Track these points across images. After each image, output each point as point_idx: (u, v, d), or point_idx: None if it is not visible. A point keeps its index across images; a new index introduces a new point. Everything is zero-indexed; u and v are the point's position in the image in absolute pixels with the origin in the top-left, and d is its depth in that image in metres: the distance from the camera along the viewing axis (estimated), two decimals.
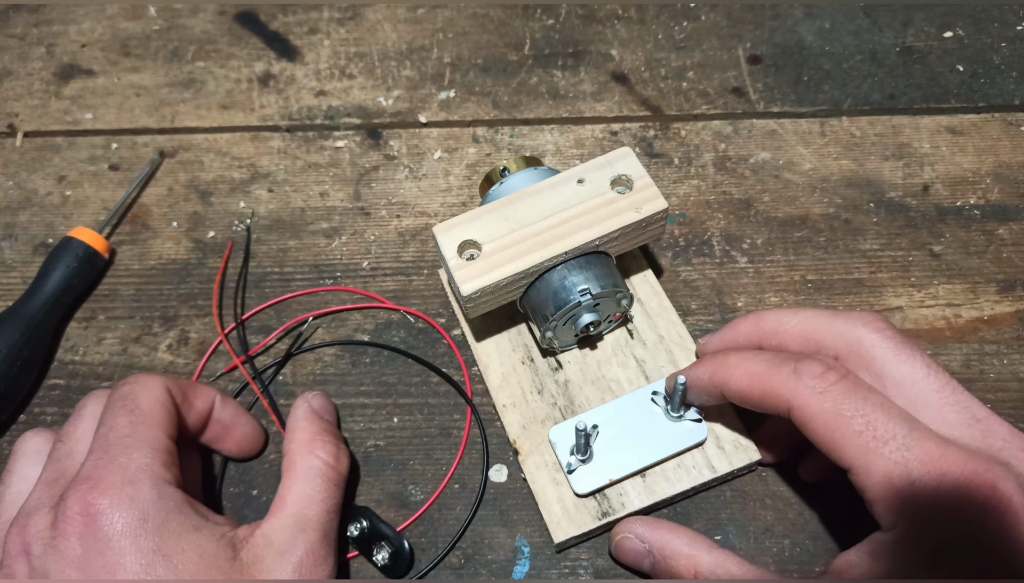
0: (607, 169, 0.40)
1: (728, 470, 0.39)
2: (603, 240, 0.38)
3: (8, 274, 0.49)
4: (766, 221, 0.49)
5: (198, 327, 0.47)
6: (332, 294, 0.48)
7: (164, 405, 0.35)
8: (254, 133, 0.55)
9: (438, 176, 0.52)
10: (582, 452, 0.38)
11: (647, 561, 0.36)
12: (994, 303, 0.45)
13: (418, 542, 0.39)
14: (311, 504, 0.34)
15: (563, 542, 0.38)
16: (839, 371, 0.32)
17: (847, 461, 0.30)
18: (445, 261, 0.38)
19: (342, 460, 0.37)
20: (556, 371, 0.42)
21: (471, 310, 0.39)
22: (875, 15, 0.59)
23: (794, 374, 0.32)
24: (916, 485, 0.29)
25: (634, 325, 0.43)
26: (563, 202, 0.39)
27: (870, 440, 0.30)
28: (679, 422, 0.39)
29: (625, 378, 0.42)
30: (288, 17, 0.61)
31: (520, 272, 0.38)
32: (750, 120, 0.54)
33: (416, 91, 0.57)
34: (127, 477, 0.32)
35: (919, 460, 0.29)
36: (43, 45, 0.61)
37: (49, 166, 0.54)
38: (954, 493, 0.28)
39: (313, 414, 0.38)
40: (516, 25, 0.60)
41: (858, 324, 0.34)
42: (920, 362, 0.33)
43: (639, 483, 0.39)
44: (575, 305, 0.38)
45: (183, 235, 0.50)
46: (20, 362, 0.43)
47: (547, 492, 0.39)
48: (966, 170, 0.50)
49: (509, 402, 0.42)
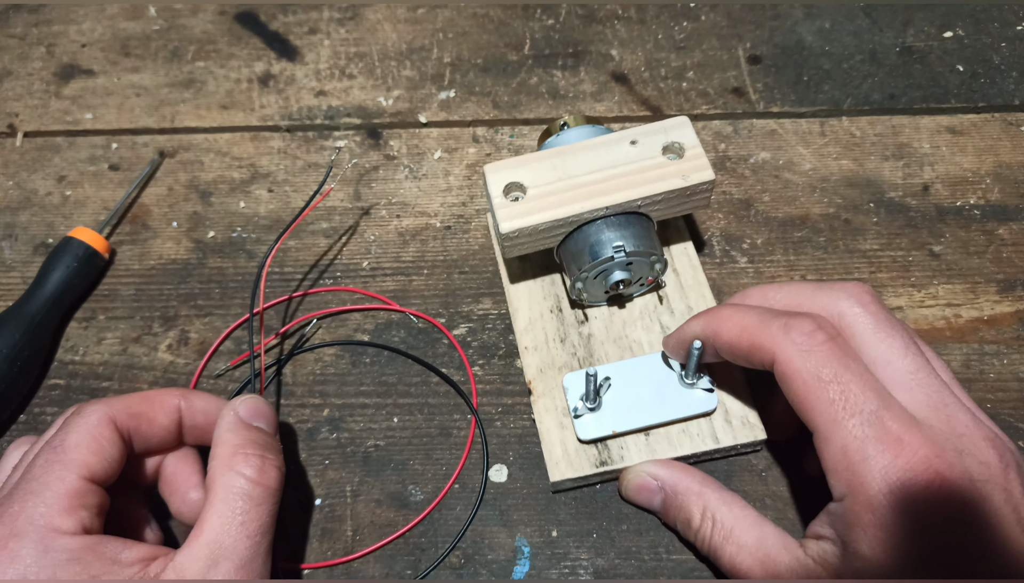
0: (661, 135, 0.41)
1: (731, 444, 0.39)
2: (645, 202, 0.40)
3: (8, 274, 0.49)
4: (766, 221, 0.49)
5: (198, 327, 0.47)
6: (332, 294, 0.48)
7: (95, 439, 0.33)
8: (254, 133, 0.55)
9: (438, 176, 0.52)
10: (591, 400, 0.39)
11: (657, 498, 0.37)
12: (994, 303, 0.45)
13: (418, 542, 0.39)
14: (229, 530, 0.32)
15: (558, 482, 0.39)
16: (828, 332, 0.32)
17: (813, 425, 0.31)
18: (490, 199, 0.40)
19: (268, 473, 0.34)
20: (582, 324, 0.43)
21: (508, 249, 0.40)
22: (875, 15, 0.59)
23: (783, 329, 0.32)
24: (868, 462, 0.29)
25: (665, 292, 0.44)
26: (612, 160, 0.41)
27: (839, 410, 0.30)
28: (691, 389, 0.39)
29: (647, 341, 0.42)
30: (288, 17, 0.61)
31: (559, 219, 0.39)
32: (750, 120, 0.54)
33: (416, 91, 0.57)
34: (13, 530, 0.30)
35: (877, 438, 0.29)
36: (43, 45, 0.61)
37: (49, 166, 0.54)
38: (902, 475, 0.29)
39: (238, 424, 0.35)
40: (516, 25, 0.60)
41: (841, 297, 0.34)
42: (899, 342, 0.33)
43: (641, 441, 0.39)
44: (607, 259, 0.39)
45: (183, 235, 0.50)
46: (20, 362, 0.43)
47: (551, 434, 0.40)
48: (966, 170, 0.50)
49: (531, 345, 0.43)
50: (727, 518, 0.35)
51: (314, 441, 0.42)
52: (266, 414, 0.36)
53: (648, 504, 0.38)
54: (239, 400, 0.36)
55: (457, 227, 0.50)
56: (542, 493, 0.40)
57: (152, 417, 0.36)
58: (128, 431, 0.35)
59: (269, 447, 0.35)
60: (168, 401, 0.36)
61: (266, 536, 0.33)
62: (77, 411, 0.34)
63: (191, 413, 0.37)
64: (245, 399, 0.36)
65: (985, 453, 0.30)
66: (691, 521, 0.36)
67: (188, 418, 0.37)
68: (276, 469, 0.34)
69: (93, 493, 0.33)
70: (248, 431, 0.35)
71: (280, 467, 0.35)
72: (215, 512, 0.32)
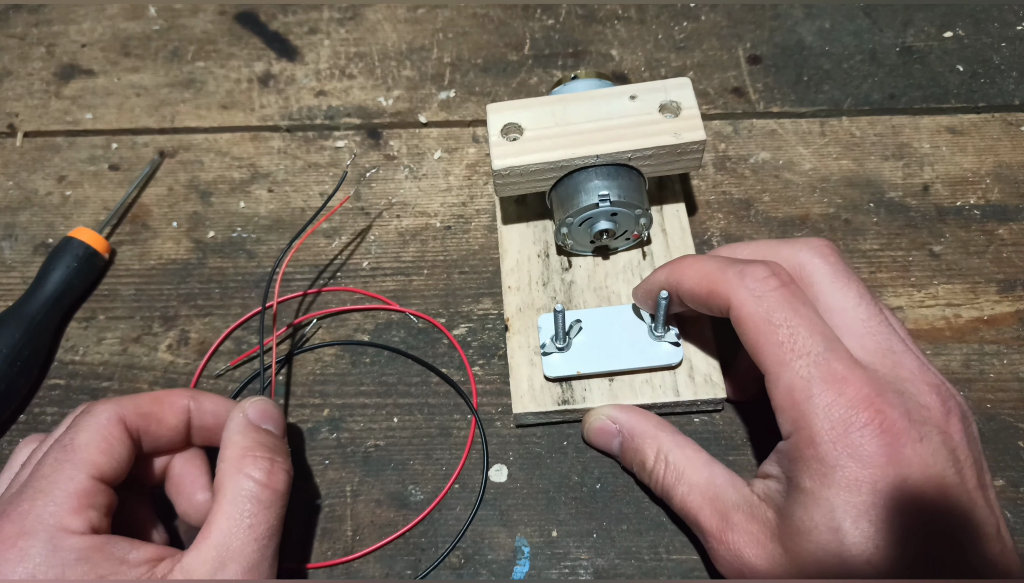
0: (660, 93, 0.42)
1: (692, 399, 0.40)
2: (635, 155, 0.41)
3: (8, 274, 0.49)
4: (766, 221, 0.49)
5: (198, 327, 0.47)
6: (332, 294, 0.48)
7: (105, 438, 0.33)
8: (254, 133, 0.55)
9: (438, 176, 0.52)
10: (560, 340, 0.40)
11: (616, 441, 0.39)
12: (994, 303, 0.45)
13: (418, 542, 0.39)
14: (236, 533, 0.32)
15: (521, 415, 0.41)
16: (781, 278, 0.33)
17: (763, 367, 0.32)
18: (488, 136, 0.42)
19: (277, 476, 0.34)
20: (565, 271, 0.45)
21: (500, 187, 0.42)
22: (875, 15, 0.59)
23: (739, 275, 0.33)
24: (812, 400, 0.30)
25: (650, 250, 0.45)
26: (609, 112, 0.42)
27: (788, 352, 0.31)
28: (658, 342, 0.41)
29: (626, 294, 0.44)
30: (288, 17, 0.61)
31: (551, 162, 0.41)
32: (750, 120, 0.54)
33: (416, 91, 0.57)
34: (22, 529, 0.30)
35: (822, 377, 0.30)
36: (43, 45, 0.61)
37: (49, 166, 0.54)
38: (844, 412, 0.30)
39: (247, 426, 0.35)
40: (516, 25, 0.60)
41: (803, 249, 0.36)
42: (854, 291, 0.34)
43: (604, 385, 0.41)
44: (592, 206, 0.41)
45: (183, 235, 0.50)
46: (20, 362, 0.43)
47: (521, 369, 0.42)
48: (966, 170, 0.50)
49: (515, 285, 0.45)
50: (679, 459, 0.36)
51: (314, 441, 0.42)
52: (275, 416, 0.36)
53: (607, 447, 0.40)
54: (248, 402, 0.36)
55: (457, 227, 0.50)
56: (542, 493, 0.40)
57: (161, 417, 0.36)
58: (137, 431, 0.35)
59: (278, 450, 0.35)
60: (178, 401, 0.36)
61: (273, 539, 0.33)
62: (87, 409, 0.34)
63: (200, 414, 0.37)
64: (254, 401, 0.36)
65: (927, 397, 0.31)
66: (645, 462, 0.37)
67: (197, 419, 0.37)
68: (284, 472, 0.34)
69: (102, 493, 0.33)
70: (257, 433, 0.35)
71: (288, 470, 0.35)
72: (223, 514, 0.32)
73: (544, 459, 0.41)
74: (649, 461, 0.37)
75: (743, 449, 0.41)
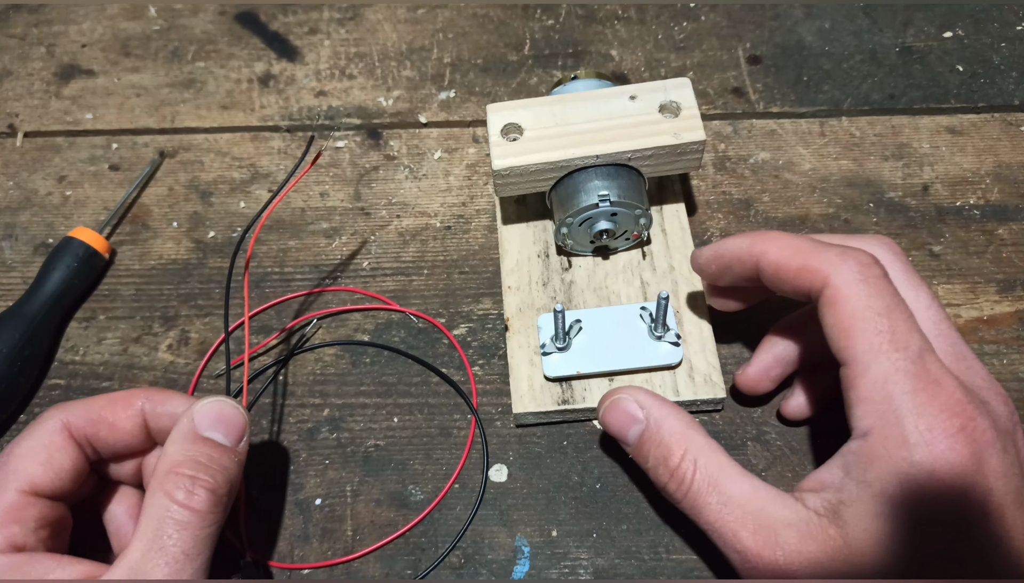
0: (660, 93, 0.43)
1: (691, 399, 0.40)
2: (635, 155, 0.41)
3: (8, 274, 0.49)
4: (766, 221, 0.49)
5: (198, 327, 0.47)
6: (332, 294, 0.48)
7: (45, 448, 0.32)
8: (254, 133, 0.55)
9: (438, 176, 0.52)
10: (560, 340, 0.41)
11: (635, 429, 0.35)
12: (994, 303, 0.45)
13: (418, 542, 0.39)
14: (149, 554, 0.30)
15: (521, 414, 0.41)
16: (883, 268, 0.32)
17: (850, 353, 0.31)
18: (488, 136, 0.42)
19: (197, 495, 0.31)
20: (565, 271, 0.45)
21: (500, 188, 0.42)
22: (875, 15, 0.59)
23: (840, 255, 0.32)
24: (907, 396, 0.29)
25: (650, 250, 0.45)
26: (609, 112, 0.42)
27: (884, 343, 0.30)
28: (658, 342, 0.41)
29: (626, 294, 0.44)
30: (288, 17, 0.61)
31: (551, 162, 0.41)
32: (750, 120, 0.54)
33: (416, 91, 0.57)
34: None
35: (918, 375, 0.29)
36: (43, 45, 0.61)
37: (49, 166, 0.54)
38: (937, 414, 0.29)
39: (185, 436, 0.33)
40: (516, 25, 0.60)
41: (876, 244, 0.35)
42: (925, 293, 0.34)
43: (604, 385, 0.41)
44: (592, 206, 0.41)
45: (183, 235, 0.50)
46: (20, 362, 0.43)
47: (520, 369, 0.42)
48: (966, 170, 0.50)
49: (515, 285, 0.45)
50: (711, 465, 0.33)
51: (314, 441, 0.42)
52: (228, 420, 0.34)
53: (621, 432, 0.36)
54: (201, 404, 0.34)
55: (457, 227, 0.50)
56: (542, 493, 0.40)
57: (113, 422, 0.34)
58: (86, 438, 0.34)
59: (210, 465, 0.32)
60: (131, 403, 0.35)
61: (193, 560, 0.31)
62: (40, 416, 0.34)
63: (155, 417, 0.35)
64: (208, 402, 0.34)
65: (1000, 407, 0.31)
66: (669, 459, 0.33)
67: (153, 421, 0.35)
68: (207, 491, 0.31)
69: (33, 506, 0.32)
70: (193, 445, 0.32)
71: (215, 489, 0.32)
72: (139, 534, 0.31)
73: (544, 459, 0.41)
74: (674, 458, 0.33)
75: (743, 449, 0.41)
